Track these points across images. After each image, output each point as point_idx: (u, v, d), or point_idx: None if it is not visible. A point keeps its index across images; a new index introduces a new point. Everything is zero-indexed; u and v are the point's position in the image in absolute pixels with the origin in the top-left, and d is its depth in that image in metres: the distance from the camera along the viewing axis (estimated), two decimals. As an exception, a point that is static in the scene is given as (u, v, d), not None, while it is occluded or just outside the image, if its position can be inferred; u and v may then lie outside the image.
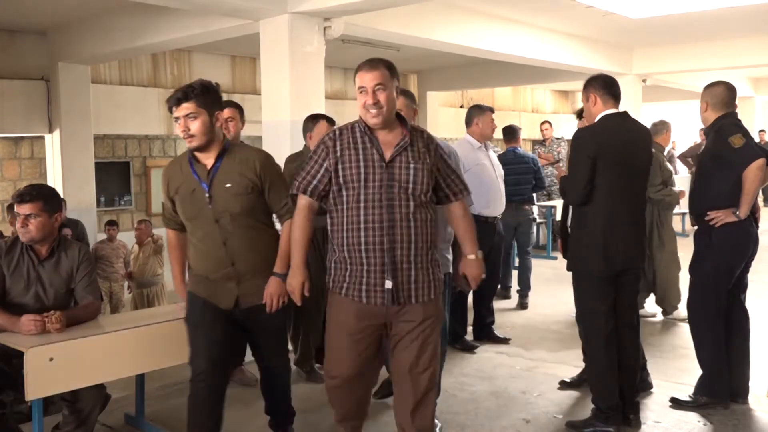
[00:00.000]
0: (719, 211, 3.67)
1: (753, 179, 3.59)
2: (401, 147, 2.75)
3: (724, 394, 3.79)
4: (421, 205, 2.75)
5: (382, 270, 2.72)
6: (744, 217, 3.64)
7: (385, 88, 2.71)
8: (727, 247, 3.71)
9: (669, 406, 3.84)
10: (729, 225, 3.66)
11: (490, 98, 12.44)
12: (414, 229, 2.73)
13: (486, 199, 5.02)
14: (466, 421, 3.78)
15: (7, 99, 7.42)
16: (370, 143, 2.75)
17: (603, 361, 3.55)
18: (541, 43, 7.64)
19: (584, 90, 3.61)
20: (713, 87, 3.79)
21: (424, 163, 2.77)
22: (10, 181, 8.52)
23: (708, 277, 3.78)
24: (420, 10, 6.14)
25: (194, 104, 2.86)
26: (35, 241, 3.17)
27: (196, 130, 2.88)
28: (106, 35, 6.75)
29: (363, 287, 2.75)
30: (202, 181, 2.97)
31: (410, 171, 2.74)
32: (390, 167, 2.73)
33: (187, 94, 2.86)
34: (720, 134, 3.69)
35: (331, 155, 2.76)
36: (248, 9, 4.98)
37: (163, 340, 3.28)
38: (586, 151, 3.43)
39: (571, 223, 3.68)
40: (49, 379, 2.87)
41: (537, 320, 5.98)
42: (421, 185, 2.74)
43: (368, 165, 2.73)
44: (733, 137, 3.62)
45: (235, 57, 9.12)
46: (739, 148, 3.59)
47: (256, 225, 3.03)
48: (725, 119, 3.73)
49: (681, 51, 8.89)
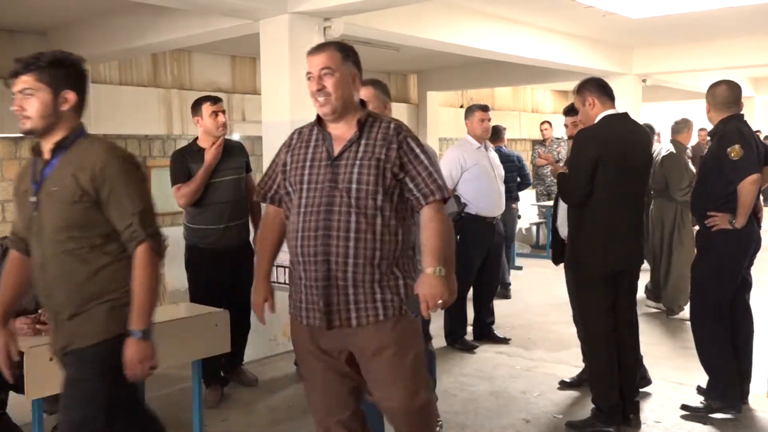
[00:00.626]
0: (718, 214, 3.66)
1: (747, 194, 3.57)
2: (350, 141, 2.34)
3: (738, 399, 3.74)
4: (366, 211, 2.27)
5: (317, 286, 2.31)
6: (740, 227, 3.61)
7: (333, 72, 2.33)
8: (727, 248, 3.70)
9: (681, 416, 3.78)
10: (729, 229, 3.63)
11: (490, 98, 12.42)
12: (353, 240, 2.26)
13: (484, 199, 5.03)
14: (466, 421, 3.77)
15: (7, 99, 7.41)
16: (322, 139, 2.38)
17: (603, 361, 3.55)
18: (541, 43, 7.63)
19: (579, 93, 3.60)
20: (714, 87, 3.78)
21: (378, 161, 2.29)
22: (10, 181, 8.50)
23: (709, 279, 3.76)
24: (420, 10, 6.14)
25: (33, 78, 2.25)
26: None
27: (33, 111, 2.26)
28: (106, 35, 6.74)
29: (302, 305, 2.37)
30: (33, 180, 2.33)
31: (354, 170, 2.30)
32: (335, 166, 2.32)
33: (27, 65, 2.26)
34: (720, 143, 3.65)
35: (284, 155, 2.46)
36: (248, 9, 4.98)
37: (162, 340, 3.26)
38: (588, 152, 3.43)
39: (569, 223, 3.68)
40: (49, 379, 2.87)
41: (537, 320, 5.98)
42: (366, 186, 2.27)
43: (314, 164, 2.35)
44: (732, 148, 3.57)
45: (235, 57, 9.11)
46: (737, 161, 3.56)
47: (81, 248, 2.25)
48: (729, 123, 3.67)
49: (681, 51, 8.88)
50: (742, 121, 3.72)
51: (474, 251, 5.09)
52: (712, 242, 3.73)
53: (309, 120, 2.53)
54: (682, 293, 5.80)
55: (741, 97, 3.80)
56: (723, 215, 3.65)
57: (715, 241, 3.72)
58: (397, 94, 11.08)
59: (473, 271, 5.22)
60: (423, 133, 11.11)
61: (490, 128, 5.13)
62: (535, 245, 10.29)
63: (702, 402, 3.81)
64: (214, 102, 4.11)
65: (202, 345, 3.37)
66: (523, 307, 6.46)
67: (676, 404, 3.91)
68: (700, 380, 4.12)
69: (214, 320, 3.38)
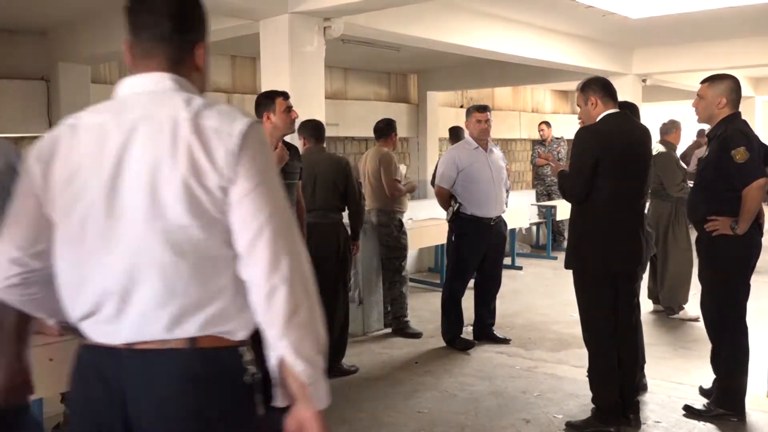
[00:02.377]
0: (719, 218, 3.55)
1: (753, 199, 3.45)
2: None
3: (743, 407, 3.69)
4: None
5: None
6: (742, 233, 3.51)
7: None
8: (734, 254, 3.59)
9: (683, 414, 3.76)
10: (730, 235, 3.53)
11: (490, 98, 12.42)
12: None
13: (478, 199, 5.05)
14: (466, 421, 3.77)
15: (7, 99, 7.40)
16: None
17: (603, 360, 3.55)
18: (541, 43, 7.63)
19: (582, 93, 3.59)
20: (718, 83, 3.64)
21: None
22: (10, 181, 8.51)
23: (720, 287, 3.66)
24: (420, 10, 6.14)
25: None
26: None
27: None
28: (106, 35, 6.73)
29: None
30: None
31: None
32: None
33: None
34: (723, 146, 3.51)
35: None
36: (248, 9, 4.98)
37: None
38: (589, 151, 3.43)
39: (570, 222, 3.68)
40: (49, 379, 2.87)
41: (537, 320, 5.98)
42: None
43: None
44: (737, 151, 3.44)
45: (235, 57, 9.11)
46: (742, 164, 3.44)
47: None
48: (731, 124, 3.55)
49: (681, 51, 8.88)
50: (739, 124, 3.59)
51: (468, 251, 5.10)
52: (716, 249, 3.61)
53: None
54: (679, 292, 5.81)
55: (740, 96, 3.67)
56: (724, 219, 3.52)
57: (719, 247, 3.59)
58: (397, 94, 11.08)
59: (468, 270, 5.23)
60: (423, 134, 11.11)
61: (487, 129, 5.13)
62: (535, 245, 10.29)
63: (704, 405, 3.78)
64: (287, 97, 3.87)
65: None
66: (523, 307, 6.46)
67: (676, 404, 3.91)
68: (700, 380, 4.12)
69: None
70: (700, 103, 3.68)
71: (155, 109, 1.43)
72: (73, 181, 1.44)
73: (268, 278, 1.40)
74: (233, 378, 1.45)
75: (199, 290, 1.41)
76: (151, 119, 1.42)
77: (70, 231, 1.46)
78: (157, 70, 1.50)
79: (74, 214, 1.44)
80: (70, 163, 1.45)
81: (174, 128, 1.40)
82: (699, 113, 3.71)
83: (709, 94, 3.63)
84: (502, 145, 12.18)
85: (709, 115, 3.65)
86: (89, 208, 1.43)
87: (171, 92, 1.47)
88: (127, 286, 1.41)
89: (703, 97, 3.66)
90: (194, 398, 1.42)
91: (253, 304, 1.43)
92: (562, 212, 8.83)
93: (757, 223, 3.62)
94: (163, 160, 1.38)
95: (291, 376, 1.43)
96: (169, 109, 1.43)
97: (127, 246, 1.40)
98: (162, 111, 1.43)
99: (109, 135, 1.43)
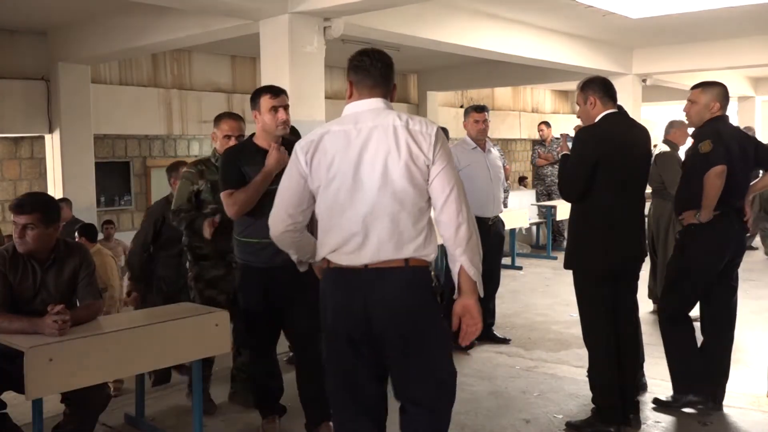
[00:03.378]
0: (688, 212, 3.69)
1: (710, 186, 3.55)
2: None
3: (706, 393, 3.77)
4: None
5: None
6: (705, 221, 3.60)
7: None
8: (698, 248, 3.70)
9: (681, 415, 3.76)
10: (703, 226, 3.63)
11: (490, 98, 12.44)
12: None
13: (475, 198, 5.04)
14: (466, 421, 3.77)
15: (7, 99, 7.41)
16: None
17: (603, 360, 3.55)
18: (541, 43, 7.64)
19: (581, 92, 3.59)
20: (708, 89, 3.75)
21: None
22: (11, 181, 8.50)
23: (678, 277, 3.79)
24: (420, 10, 6.14)
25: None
26: (33, 252, 3.11)
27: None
28: (106, 35, 6.74)
29: None
30: None
31: None
32: None
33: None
34: (695, 140, 3.71)
35: None
36: (248, 9, 4.99)
37: (163, 339, 3.27)
38: (588, 151, 3.43)
39: (570, 221, 3.68)
40: (49, 379, 2.87)
41: (537, 320, 5.98)
42: None
43: None
44: (703, 143, 3.60)
45: (235, 57, 9.12)
46: (705, 155, 3.58)
47: None
48: (709, 125, 3.67)
49: (681, 51, 8.89)
50: (724, 122, 3.72)
51: None
52: (684, 242, 3.75)
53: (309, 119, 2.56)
54: None
55: (726, 100, 3.75)
56: (690, 212, 3.67)
57: (686, 240, 3.73)
58: (398, 94, 11.08)
59: None
60: (423, 133, 11.11)
61: (485, 129, 5.13)
62: (535, 245, 10.29)
63: (671, 396, 3.85)
64: (275, 95, 3.42)
65: (202, 345, 3.37)
66: (523, 307, 6.46)
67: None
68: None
69: (214, 320, 3.38)
70: (692, 107, 3.77)
71: (381, 120, 2.33)
72: (331, 167, 2.34)
73: (456, 219, 2.31)
74: (428, 285, 2.38)
75: (411, 228, 2.33)
76: (379, 126, 2.32)
77: (328, 197, 2.37)
78: (375, 97, 2.41)
79: (331, 187, 2.35)
80: (328, 156, 2.35)
81: (395, 131, 2.32)
82: (690, 118, 3.81)
83: (702, 99, 3.72)
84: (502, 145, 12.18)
85: (701, 119, 3.74)
86: (341, 183, 2.33)
87: (385, 110, 2.38)
88: (367, 228, 2.31)
89: (695, 102, 3.75)
90: (409, 296, 2.34)
91: (446, 234, 2.34)
92: (562, 212, 8.82)
93: (738, 219, 3.71)
94: (391, 151, 2.29)
95: (465, 276, 2.34)
96: (389, 119, 2.33)
97: (365, 204, 2.31)
98: (385, 121, 2.33)
99: (351, 136, 2.33)
